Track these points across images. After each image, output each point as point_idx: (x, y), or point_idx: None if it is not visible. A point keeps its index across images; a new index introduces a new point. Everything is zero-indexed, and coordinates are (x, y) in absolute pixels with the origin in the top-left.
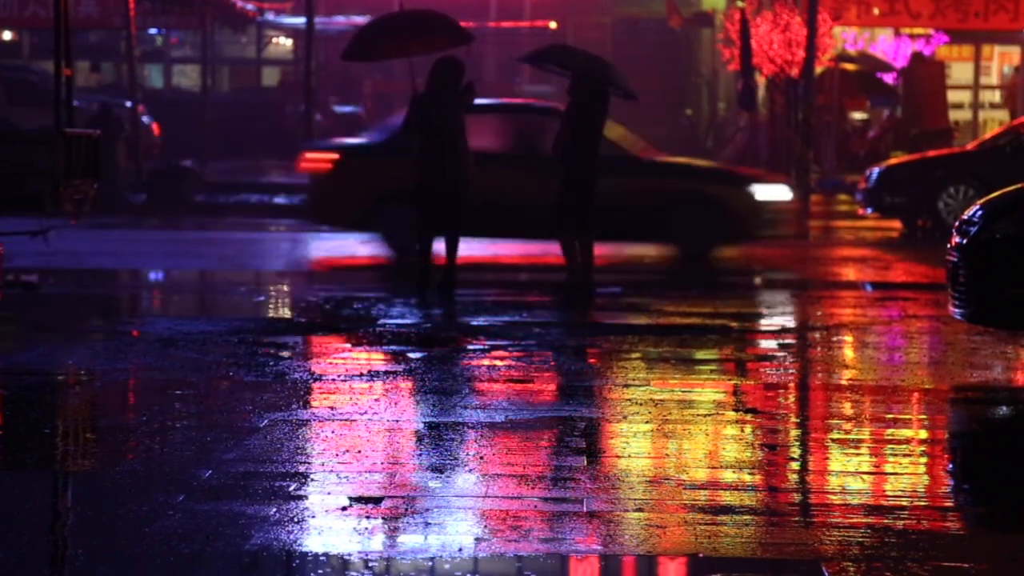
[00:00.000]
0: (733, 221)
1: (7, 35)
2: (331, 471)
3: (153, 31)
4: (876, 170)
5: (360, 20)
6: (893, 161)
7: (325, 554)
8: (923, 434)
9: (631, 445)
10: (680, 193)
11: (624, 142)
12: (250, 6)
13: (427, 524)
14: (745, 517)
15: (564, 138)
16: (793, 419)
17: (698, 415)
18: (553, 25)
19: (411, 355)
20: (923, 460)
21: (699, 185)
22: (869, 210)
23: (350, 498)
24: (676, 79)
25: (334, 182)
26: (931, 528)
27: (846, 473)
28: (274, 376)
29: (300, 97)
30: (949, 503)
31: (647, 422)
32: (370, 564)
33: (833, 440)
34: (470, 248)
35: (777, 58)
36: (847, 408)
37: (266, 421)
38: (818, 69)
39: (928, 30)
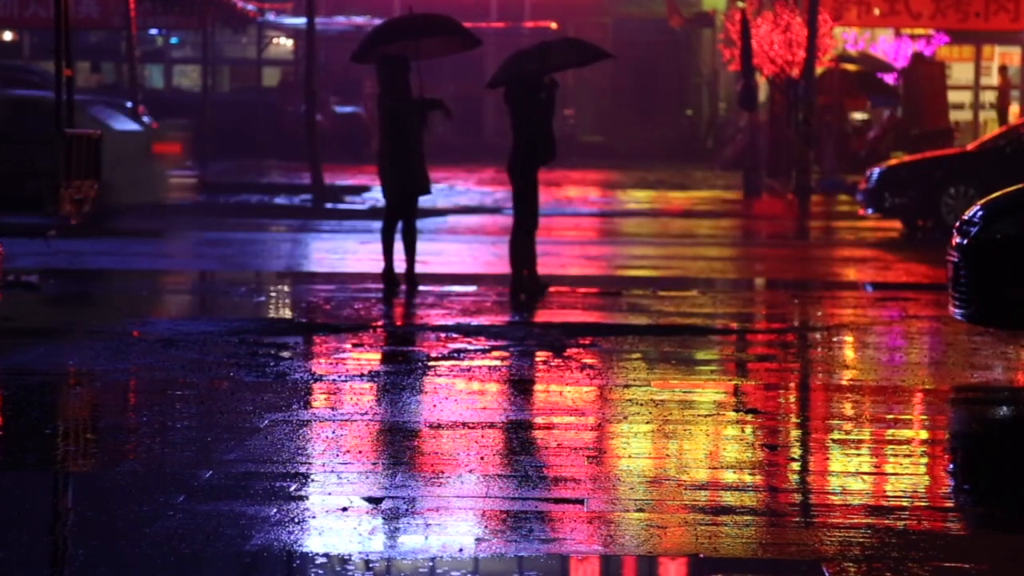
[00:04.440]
0: None
1: (7, 35)
2: (331, 471)
3: (153, 31)
4: (876, 170)
5: (360, 20)
6: (893, 161)
7: (326, 554)
8: (923, 434)
9: (631, 445)
10: None
11: None
12: (250, 6)
13: (428, 524)
14: (746, 517)
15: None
16: (793, 419)
17: (699, 415)
18: (553, 25)
19: (411, 355)
20: (923, 460)
21: None
22: (870, 210)
23: (350, 498)
24: (676, 79)
25: None
26: (931, 528)
27: (846, 473)
28: (275, 376)
29: (300, 97)
30: (949, 503)
31: (648, 422)
32: (371, 564)
33: (834, 440)
34: (470, 251)
35: (778, 58)
36: (847, 408)
37: (267, 421)
38: (819, 69)
39: (928, 30)
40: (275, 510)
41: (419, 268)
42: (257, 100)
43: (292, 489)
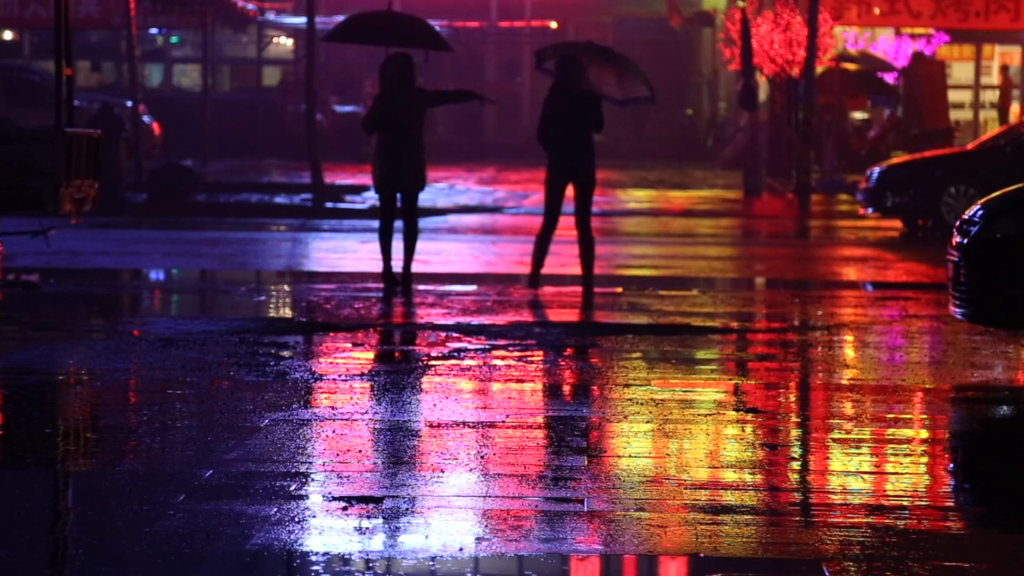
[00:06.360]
0: None
1: (7, 35)
2: (331, 471)
3: (153, 31)
4: (877, 170)
5: None
6: (894, 161)
7: (326, 554)
8: (924, 434)
9: (632, 445)
10: None
11: None
12: (251, 6)
13: (428, 524)
14: (746, 517)
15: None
16: (794, 419)
17: (699, 415)
18: (554, 25)
19: (411, 354)
20: (924, 460)
21: None
22: (870, 210)
23: (350, 498)
24: (676, 79)
25: None
26: (932, 528)
27: (847, 473)
28: (275, 376)
29: (300, 97)
30: (950, 503)
31: (648, 422)
32: (371, 564)
33: (834, 440)
34: (470, 250)
35: (778, 58)
36: (848, 408)
37: (267, 421)
38: (819, 69)
39: (929, 30)
40: (275, 509)
41: (420, 267)
42: (257, 100)
43: (292, 488)
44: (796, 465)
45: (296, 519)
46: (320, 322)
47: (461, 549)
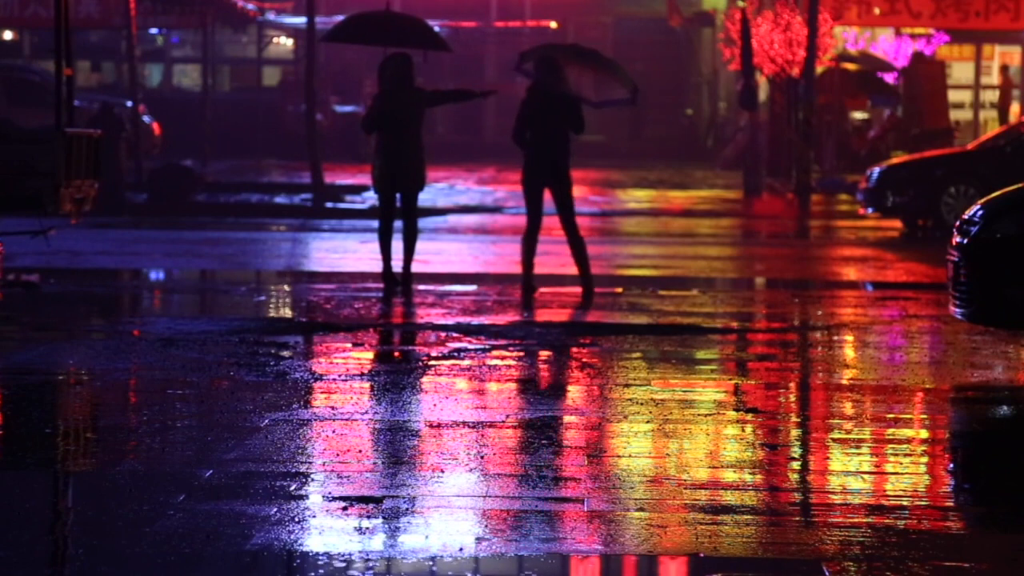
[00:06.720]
0: None
1: (7, 35)
2: (331, 471)
3: (153, 31)
4: (877, 170)
5: None
6: (894, 161)
7: (326, 554)
8: (924, 434)
9: (632, 445)
10: None
11: None
12: (251, 6)
13: (428, 524)
14: (746, 517)
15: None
16: (794, 419)
17: (699, 415)
18: (554, 25)
19: (411, 354)
20: (924, 460)
21: None
22: (870, 210)
23: (350, 498)
24: (676, 79)
25: None
26: (932, 528)
27: (847, 473)
28: (275, 376)
29: (300, 97)
30: (950, 503)
31: (648, 422)
32: (371, 564)
33: (834, 440)
34: (470, 250)
35: (778, 58)
36: (848, 408)
37: (267, 421)
38: (819, 69)
39: (929, 30)
40: (275, 509)
41: (420, 267)
42: (257, 100)
43: (292, 488)
44: (796, 465)
45: (296, 519)
46: (320, 322)
47: (461, 549)
